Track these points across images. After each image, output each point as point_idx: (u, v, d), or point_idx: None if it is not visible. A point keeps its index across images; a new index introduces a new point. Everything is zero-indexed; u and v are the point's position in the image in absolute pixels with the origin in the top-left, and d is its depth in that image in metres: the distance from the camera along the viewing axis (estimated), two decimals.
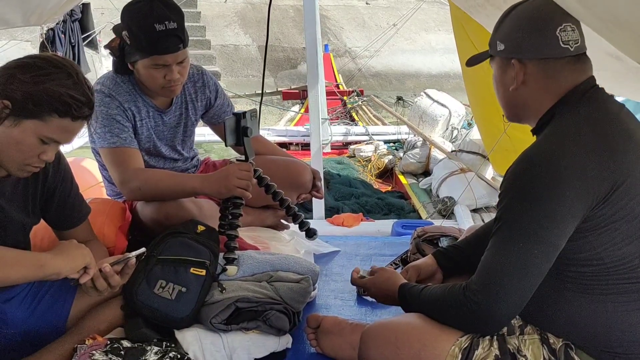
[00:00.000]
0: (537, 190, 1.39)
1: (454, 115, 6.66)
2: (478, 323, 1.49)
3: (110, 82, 2.36)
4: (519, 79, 1.52)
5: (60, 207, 1.89)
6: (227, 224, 2.23)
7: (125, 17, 2.27)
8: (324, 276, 2.62)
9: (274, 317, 1.98)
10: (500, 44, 1.55)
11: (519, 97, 1.55)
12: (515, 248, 1.41)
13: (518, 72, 1.52)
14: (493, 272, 1.44)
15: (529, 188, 1.40)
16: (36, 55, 1.69)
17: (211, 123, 2.72)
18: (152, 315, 1.90)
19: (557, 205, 1.37)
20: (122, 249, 2.26)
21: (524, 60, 1.51)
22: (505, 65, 1.55)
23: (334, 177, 6.19)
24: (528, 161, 1.43)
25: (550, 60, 1.49)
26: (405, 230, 3.46)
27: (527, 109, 1.56)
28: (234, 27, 14.50)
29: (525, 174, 1.42)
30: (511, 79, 1.54)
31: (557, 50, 1.47)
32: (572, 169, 1.37)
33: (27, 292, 1.84)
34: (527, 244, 1.39)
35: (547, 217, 1.37)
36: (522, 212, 1.40)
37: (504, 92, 1.59)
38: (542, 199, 1.38)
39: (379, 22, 15.07)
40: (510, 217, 1.43)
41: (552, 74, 1.49)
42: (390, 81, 13.94)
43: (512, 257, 1.41)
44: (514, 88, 1.54)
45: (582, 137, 1.41)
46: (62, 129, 1.63)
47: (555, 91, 1.50)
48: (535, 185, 1.39)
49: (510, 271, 1.41)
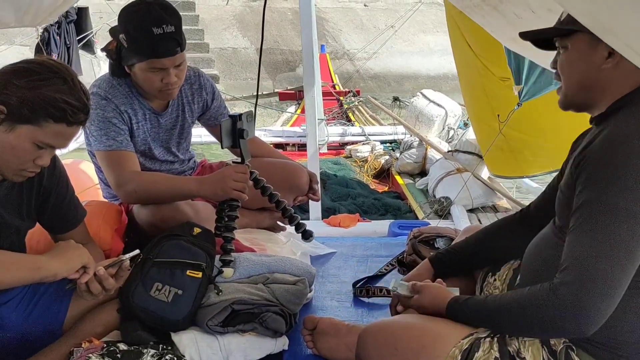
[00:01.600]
0: (634, 167, 1.27)
1: (450, 116, 6.67)
2: (572, 324, 1.32)
3: (106, 85, 2.37)
4: (616, 58, 1.38)
5: (56, 210, 1.89)
6: (224, 226, 2.23)
7: (123, 20, 2.28)
8: (320, 278, 2.62)
9: (271, 319, 1.98)
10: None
11: (604, 79, 1.42)
12: (617, 234, 1.27)
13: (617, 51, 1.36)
14: (592, 264, 1.28)
15: (624, 166, 1.28)
16: (32, 60, 1.69)
17: (208, 125, 2.72)
18: (148, 318, 1.91)
19: None
20: (118, 252, 2.26)
21: None
22: (596, 43, 1.39)
23: (330, 177, 6.19)
24: (617, 140, 1.31)
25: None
26: (402, 231, 3.46)
27: (605, 93, 1.43)
28: (232, 30, 14.51)
29: (617, 153, 1.29)
30: (601, 57, 1.40)
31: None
32: None
33: (23, 295, 1.84)
34: (632, 226, 1.27)
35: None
36: (621, 192, 1.27)
37: (587, 72, 1.44)
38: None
39: (377, 24, 15.08)
40: (605, 200, 1.29)
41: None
42: (388, 83, 13.94)
43: (615, 244, 1.27)
44: (607, 67, 1.41)
45: None
46: (58, 134, 1.63)
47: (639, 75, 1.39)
48: (631, 162, 1.27)
49: (614, 260, 1.27)
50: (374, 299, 2.44)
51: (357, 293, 2.48)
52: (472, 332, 1.53)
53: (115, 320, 1.90)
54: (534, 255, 1.62)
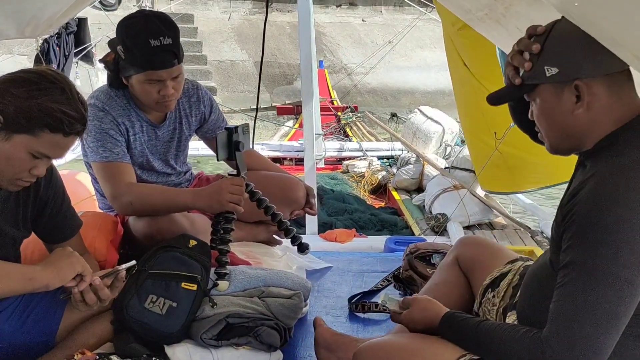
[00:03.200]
0: (624, 232, 1.25)
1: (448, 132, 6.68)
2: None
3: (104, 96, 2.37)
4: (584, 102, 1.35)
5: (52, 220, 1.89)
6: (219, 238, 2.23)
7: (120, 32, 2.28)
8: (315, 292, 2.61)
9: (265, 333, 1.97)
10: (550, 69, 1.37)
11: (580, 124, 1.38)
12: (603, 298, 1.26)
13: (584, 95, 1.35)
14: (579, 327, 1.27)
15: (613, 231, 1.25)
16: (30, 70, 1.69)
17: (205, 138, 2.72)
18: (142, 330, 1.89)
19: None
20: (113, 263, 2.25)
21: (586, 80, 1.34)
22: (560, 91, 1.37)
23: (327, 192, 6.19)
24: (605, 197, 1.28)
25: (615, 75, 1.34)
26: (398, 247, 3.45)
27: (586, 135, 1.39)
28: (230, 42, 14.56)
29: (605, 215, 1.26)
30: (570, 103, 1.37)
31: (619, 62, 1.30)
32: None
33: (16, 305, 1.83)
34: (618, 291, 1.25)
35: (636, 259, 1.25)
36: (609, 256, 1.25)
37: (561, 120, 1.40)
38: (631, 240, 1.24)
39: (374, 39, 15.16)
40: (592, 264, 1.27)
41: (616, 90, 1.35)
42: (385, 98, 13.99)
43: (601, 309, 1.26)
44: (579, 113, 1.37)
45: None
46: (54, 144, 1.62)
47: (619, 111, 1.36)
48: (621, 227, 1.25)
49: (600, 325, 1.26)
50: (369, 315, 2.43)
51: (352, 308, 2.47)
52: (465, 354, 1.50)
53: (109, 332, 1.89)
54: (531, 279, 1.62)
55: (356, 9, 16.21)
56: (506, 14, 2.21)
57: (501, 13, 2.23)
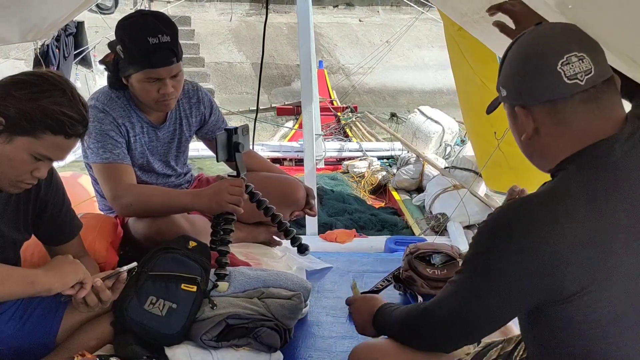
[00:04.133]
0: (492, 256, 1.25)
1: (447, 132, 6.68)
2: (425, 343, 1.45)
3: (104, 98, 2.37)
4: (528, 128, 1.28)
5: (52, 222, 1.88)
6: (219, 239, 2.22)
7: (119, 32, 2.29)
8: (315, 293, 2.61)
9: (265, 334, 1.97)
10: (503, 90, 1.32)
11: (534, 146, 1.32)
12: (462, 296, 1.32)
13: (524, 121, 1.28)
14: (444, 310, 1.37)
15: (487, 249, 1.26)
16: (31, 72, 1.69)
17: (205, 139, 2.72)
18: (142, 332, 1.89)
19: (505, 278, 1.23)
20: (113, 265, 2.25)
21: (527, 107, 1.27)
22: (512, 113, 1.32)
23: (327, 193, 6.19)
24: (502, 216, 1.27)
25: (559, 102, 1.23)
26: (398, 247, 3.45)
27: (544, 159, 1.32)
28: (227, 44, 14.57)
29: (491, 230, 1.27)
30: (521, 127, 1.30)
31: (563, 89, 1.21)
32: (537, 247, 1.18)
33: (16, 308, 1.82)
34: (473, 301, 1.30)
35: (496, 287, 1.25)
36: (472, 272, 1.30)
37: (518, 141, 1.36)
38: (495, 267, 1.24)
39: (372, 39, 15.17)
40: (465, 269, 1.33)
41: (562, 118, 1.24)
42: (383, 97, 13.99)
43: (459, 302, 1.33)
44: (527, 137, 1.30)
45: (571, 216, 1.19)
46: (55, 146, 1.62)
47: (571, 138, 1.25)
48: (492, 251, 1.24)
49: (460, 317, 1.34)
50: None
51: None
52: (460, 358, 1.52)
53: (109, 334, 1.89)
54: None
55: (353, 9, 16.22)
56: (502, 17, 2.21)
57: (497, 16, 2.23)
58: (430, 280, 2.58)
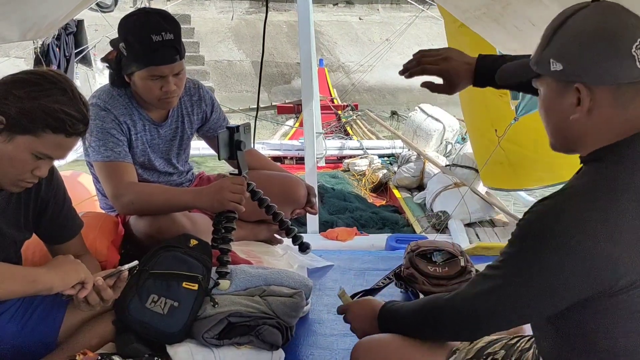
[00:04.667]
0: (538, 255, 1.21)
1: (448, 130, 6.69)
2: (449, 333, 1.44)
3: (106, 96, 2.36)
4: (584, 107, 1.22)
5: (53, 221, 1.88)
6: (220, 237, 2.22)
7: (122, 29, 2.28)
8: (317, 290, 2.61)
9: (267, 332, 1.97)
10: (555, 63, 1.23)
11: (577, 128, 1.26)
12: (503, 287, 1.28)
13: (584, 100, 1.21)
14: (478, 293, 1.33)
15: (532, 248, 1.22)
16: (31, 71, 1.68)
17: (206, 137, 2.72)
18: (143, 330, 1.89)
19: (553, 277, 1.20)
20: (114, 263, 2.25)
21: (590, 86, 1.21)
22: (563, 89, 1.25)
23: (328, 191, 6.20)
24: (548, 213, 1.22)
25: (624, 86, 1.19)
26: (399, 245, 3.46)
27: (583, 142, 1.27)
28: (227, 42, 14.57)
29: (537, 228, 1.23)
30: (570, 105, 1.24)
31: (635, 73, 1.17)
32: (587, 246, 1.16)
33: (17, 306, 1.82)
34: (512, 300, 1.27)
35: (540, 286, 1.22)
36: (513, 269, 1.26)
37: (558, 120, 1.29)
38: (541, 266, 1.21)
39: (372, 37, 15.17)
40: (508, 264, 1.28)
41: (622, 102, 1.20)
42: (383, 95, 14.00)
43: (499, 294, 1.29)
44: (577, 118, 1.24)
45: (622, 212, 1.17)
46: (56, 145, 1.62)
47: (621, 124, 1.22)
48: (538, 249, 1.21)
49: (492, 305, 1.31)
50: None
51: None
52: (455, 350, 1.52)
53: (111, 332, 1.88)
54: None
55: (353, 7, 16.21)
56: (504, 13, 2.21)
57: (499, 12, 2.23)
58: (431, 278, 2.58)
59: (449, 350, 1.52)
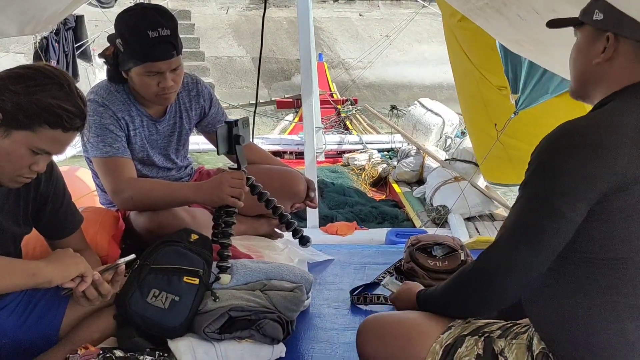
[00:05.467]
0: (558, 163, 1.35)
1: (448, 124, 6.68)
2: (487, 294, 1.46)
3: (104, 91, 2.36)
4: (607, 54, 1.41)
5: (53, 216, 1.88)
6: (220, 232, 2.22)
7: (119, 25, 2.28)
8: (317, 285, 2.61)
9: (268, 326, 1.97)
10: (598, 13, 1.41)
11: (598, 73, 1.45)
12: (529, 221, 1.38)
13: (609, 48, 1.40)
14: (504, 243, 1.42)
15: (551, 160, 1.36)
16: (28, 66, 1.68)
17: (205, 132, 2.72)
18: (145, 325, 1.89)
19: (575, 178, 1.32)
20: (114, 258, 2.24)
21: (619, 37, 1.39)
22: (596, 37, 1.43)
23: (328, 185, 6.20)
24: (559, 132, 1.38)
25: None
26: (399, 239, 3.46)
27: (600, 87, 1.45)
28: (227, 38, 14.55)
29: (551, 145, 1.38)
30: (598, 52, 1.42)
31: None
32: (599, 147, 1.31)
33: (18, 301, 1.83)
34: (543, 218, 1.36)
35: (564, 190, 1.33)
36: (541, 183, 1.37)
37: (584, 63, 1.47)
38: (562, 173, 1.34)
39: (372, 34, 15.15)
40: (529, 187, 1.40)
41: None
42: (383, 92, 13.99)
43: (525, 231, 1.39)
44: (598, 62, 1.43)
45: (624, 125, 1.32)
46: (54, 140, 1.62)
47: (636, 75, 1.39)
48: (557, 158, 1.35)
49: (521, 244, 1.39)
50: (371, 307, 2.43)
51: (354, 301, 2.47)
52: (450, 326, 1.56)
53: (112, 327, 1.89)
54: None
55: (353, 4, 16.19)
56: (507, 2, 2.20)
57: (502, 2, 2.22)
58: (431, 272, 2.58)
59: (445, 325, 1.56)
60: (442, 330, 1.55)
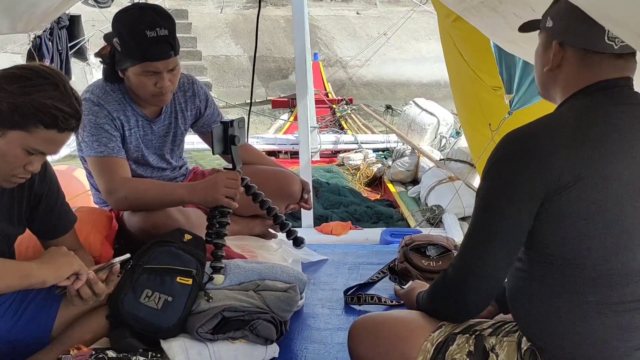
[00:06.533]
0: (498, 172, 1.43)
1: (443, 124, 6.69)
2: (454, 300, 1.51)
3: (99, 91, 2.36)
4: (554, 62, 1.47)
5: (46, 216, 1.88)
6: (214, 232, 2.23)
7: (116, 24, 2.28)
8: (311, 285, 2.61)
9: (261, 327, 1.97)
10: (549, 21, 1.48)
11: (551, 79, 1.51)
12: (481, 227, 1.45)
13: (555, 55, 1.47)
14: (463, 250, 1.49)
15: (493, 168, 1.44)
16: (23, 66, 1.68)
17: (200, 132, 2.71)
18: (138, 325, 1.89)
19: (514, 184, 1.39)
20: (108, 258, 2.24)
21: (564, 45, 1.45)
22: (548, 44, 1.49)
23: (322, 185, 6.20)
24: (501, 141, 1.45)
25: (590, 52, 1.42)
26: (394, 239, 3.46)
27: (556, 91, 1.52)
28: (225, 38, 14.53)
29: (493, 154, 1.45)
30: (548, 59, 1.49)
31: (600, 45, 1.40)
32: (533, 154, 1.37)
33: (11, 301, 1.82)
34: (491, 221, 1.42)
35: (506, 194, 1.40)
36: (487, 190, 1.44)
37: (539, 69, 1.55)
38: (505, 180, 1.40)
39: (369, 32, 15.13)
40: (480, 195, 1.47)
41: (588, 64, 1.43)
42: (381, 90, 13.98)
43: (478, 236, 1.45)
44: (549, 68, 1.49)
45: (562, 126, 1.39)
46: (48, 140, 1.62)
47: (585, 80, 1.44)
48: (497, 167, 1.43)
49: (475, 248, 1.45)
50: (365, 307, 2.43)
51: (348, 301, 2.48)
52: (441, 324, 1.57)
53: (105, 327, 1.89)
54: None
55: (350, 2, 16.18)
56: (503, 0, 2.19)
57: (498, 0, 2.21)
58: (425, 272, 2.58)
59: (436, 323, 1.58)
60: (433, 329, 1.56)
